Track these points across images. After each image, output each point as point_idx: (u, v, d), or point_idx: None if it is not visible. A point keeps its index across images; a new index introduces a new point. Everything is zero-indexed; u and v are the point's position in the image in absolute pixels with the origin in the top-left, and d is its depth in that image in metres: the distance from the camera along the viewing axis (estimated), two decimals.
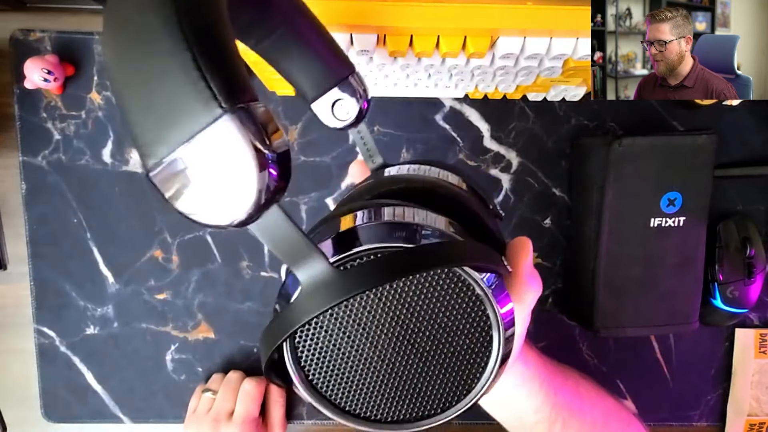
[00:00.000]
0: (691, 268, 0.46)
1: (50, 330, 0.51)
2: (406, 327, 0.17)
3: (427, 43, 0.35)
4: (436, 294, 0.17)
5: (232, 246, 0.51)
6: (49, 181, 0.49)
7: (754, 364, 0.51)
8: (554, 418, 0.33)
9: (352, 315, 0.17)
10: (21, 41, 0.47)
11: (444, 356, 0.18)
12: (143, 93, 0.13)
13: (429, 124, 0.49)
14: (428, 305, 0.17)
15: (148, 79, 0.13)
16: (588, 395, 0.37)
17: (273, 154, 0.13)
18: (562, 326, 0.52)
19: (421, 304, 0.17)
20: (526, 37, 0.34)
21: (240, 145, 0.12)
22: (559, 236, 0.51)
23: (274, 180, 0.13)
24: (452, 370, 0.18)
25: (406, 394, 0.18)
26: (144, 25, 0.13)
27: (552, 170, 0.50)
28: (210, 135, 0.12)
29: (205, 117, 0.12)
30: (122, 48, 0.13)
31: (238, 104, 0.13)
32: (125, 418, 0.53)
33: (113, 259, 0.50)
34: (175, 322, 0.51)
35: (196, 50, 0.13)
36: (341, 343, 0.18)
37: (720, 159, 0.48)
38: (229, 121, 0.12)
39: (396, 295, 0.17)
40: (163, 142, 0.13)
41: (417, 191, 0.22)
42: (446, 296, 0.17)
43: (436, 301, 0.17)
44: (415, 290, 0.17)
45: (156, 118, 0.13)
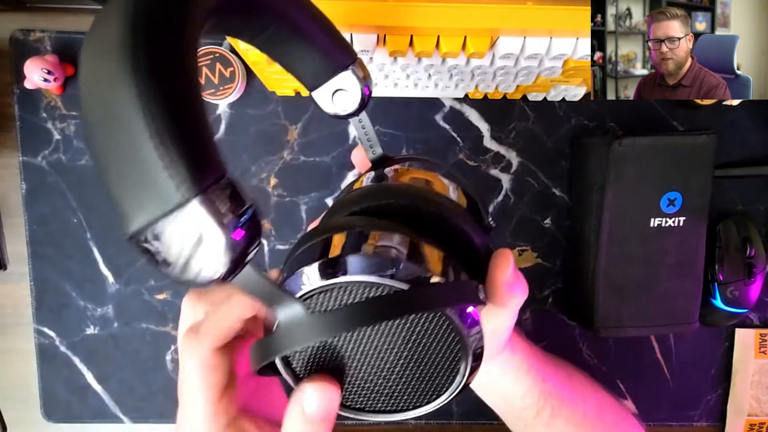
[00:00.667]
0: (691, 268, 0.46)
1: (50, 330, 0.51)
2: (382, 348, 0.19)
3: (427, 43, 0.35)
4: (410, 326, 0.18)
5: None
6: (49, 181, 0.49)
7: (754, 364, 0.51)
8: (542, 404, 0.34)
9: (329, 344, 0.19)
10: (21, 41, 0.47)
11: (418, 368, 0.19)
12: (117, 170, 0.14)
13: (429, 124, 0.49)
14: (402, 334, 0.18)
15: (121, 159, 0.14)
16: (581, 386, 0.38)
17: (237, 223, 0.14)
18: (562, 326, 0.52)
19: (395, 334, 0.18)
20: (526, 37, 0.34)
21: (208, 223, 0.14)
22: (559, 236, 0.51)
23: (243, 244, 0.14)
24: (426, 378, 0.20)
25: (383, 392, 0.20)
26: (110, 109, 0.14)
27: (552, 170, 0.50)
28: (180, 216, 0.13)
29: (172, 202, 0.13)
30: (95, 127, 0.14)
31: (204, 187, 0.14)
32: (125, 418, 0.53)
33: (113, 259, 0.50)
34: (175, 322, 0.51)
35: (163, 137, 0.13)
36: (323, 355, 0.19)
37: (720, 159, 0.48)
38: (198, 205, 0.13)
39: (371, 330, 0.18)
40: (138, 215, 0.14)
41: (406, 209, 0.22)
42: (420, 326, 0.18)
43: (410, 331, 0.18)
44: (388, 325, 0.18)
45: (130, 194, 0.14)
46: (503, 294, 0.23)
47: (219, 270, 0.14)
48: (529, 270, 0.52)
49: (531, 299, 0.52)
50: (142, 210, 0.14)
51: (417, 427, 0.54)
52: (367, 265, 0.18)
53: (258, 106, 0.49)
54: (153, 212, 0.14)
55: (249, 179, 0.50)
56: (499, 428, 0.54)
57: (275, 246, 0.51)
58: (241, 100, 0.48)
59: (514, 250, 0.51)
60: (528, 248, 0.51)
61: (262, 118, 0.49)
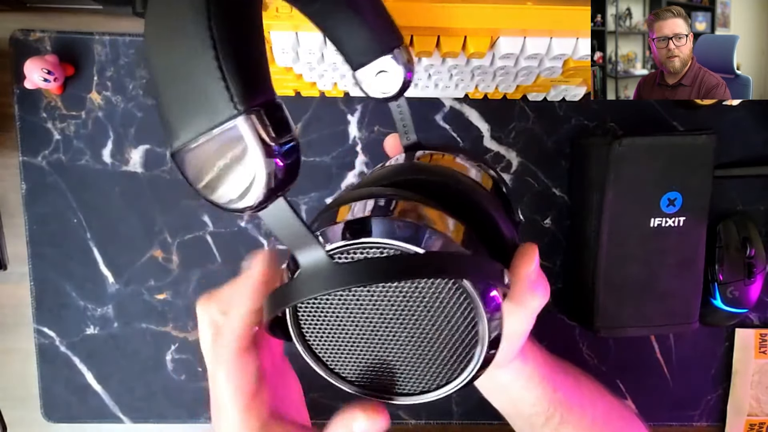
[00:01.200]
0: (691, 268, 0.46)
1: (50, 330, 0.51)
2: (397, 317, 0.18)
3: (427, 43, 0.35)
4: (428, 296, 0.18)
5: (232, 246, 0.50)
6: (49, 181, 0.49)
7: (754, 364, 0.51)
8: (552, 412, 0.34)
9: (345, 300, 0.18)
10: (21, 41, 0.47)
11: (431, 347, 0.19)
12: (174, 83, 0.15)
13: (429, 124, 0.49)
14: (420, 304, 0.18)
15: (179, 73, 0.14)
16: (589, 393, 0.38)
17: (280, 150, 0.14)
18: (562, 326, 0.52)
19: (413, 301, 0.18)
20: (526, 37, 0.34)
21: (250, 142, 0.14)
22: (559, 236, 0.51)
23: (281, 172, 0.14)
24: (438, 360, 0.19)
25: (392, 370, 0.20)
26: (178, 26, 0.14)
27: (552, 170, 0.50)
28: (225, 130, 0.14)
29: (223, 115, 0.14)
30: (159, 44, 0.15)
31: (252, 106, 0.14)
32: (125, 418, 0.53)
33: (113, 259, 0.50)
34: (175, 322, 0.51)
35: (221, 53, 0.14)
36: (336, 317, 0.19)
37: (720, 159, 0.48)
38: (243, 122, 0.14)
39: (390, 291, 0.18)
40: (186, 129, 0.14)
41: (435, 185, 0.22)
42: (438, 299, 0.18)
43: (428, 301, 0.18)
44: (408, 290, 0.18)
45: (182, 107, 0.14)
46: (524, 290, 0.22)
47: (255, 193, 0.14)
48: None
49: None
50: (191, 122, 0.14)
51: (417, 426, 0.54)
52: (391, 229, 0.17)
53: None
54: (201, 125, 0.14)
55: None
56: (500, 428, 0.54)
57: (276, 246, 0.51)
58: None
59: None
60: None
61: None
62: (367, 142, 0.49)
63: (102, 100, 0.48)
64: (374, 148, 0.49)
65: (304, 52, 0.36)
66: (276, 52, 0.36)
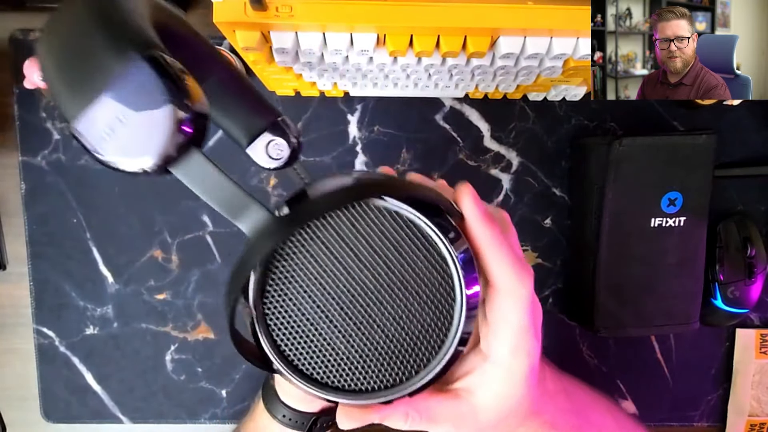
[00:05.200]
0: (691, 268, 0.46)
1: (50, 330, 0.51)
2: (361, 277, 0.18)
3: (427, 43, 0.35)
4: (385, 237, 0.17)
5: (232, 246, 0.50)
6: (49, 181, 0.49)
7: (754, 365, 0.51)
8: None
9: (303, 268, 0.18)
10: (20, 41, 0.47)
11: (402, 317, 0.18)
12: (65, 57, 0.15)
13: (429, 124, 0.49)
14: (380, 251, 0.17)
15: (69, 45, 0.15)
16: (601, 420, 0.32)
17: (184, 94, 0.14)
18: (562, 326, 0.52)
19: (370, 248, 0.17)
20: (527, 36, 0.34)
21: (152, 83, 0.13)
22: (559, 236, 0.51)
23: (188, 119, 0.14)
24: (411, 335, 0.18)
25: (368, 360, 0.19)
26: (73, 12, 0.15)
27: (552, 170, 0.50)
28: (124, 78, 0.14)
29: (119, 64, 0.14)
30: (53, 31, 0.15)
31: (148, 52, 0.14)
32: (125, 419, 0.53)
33: (113, 259, 0.50)
34: (174, 322, 0.51)
35: (109, 12, 0.14)
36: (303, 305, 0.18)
37: (720, 159, 0.48)
38: (142, 64, 0.14)
39: (342, 236, 0.17)
40: (83, 95, 0.14)
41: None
42: (400, 244, 0.17)
43: (388, 248, 0.17)
44: (358, 230, 0.17)
45: (77, 75, 0.14)
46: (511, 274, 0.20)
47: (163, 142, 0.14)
48: None
49: None
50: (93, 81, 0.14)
51: None
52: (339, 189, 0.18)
53: None
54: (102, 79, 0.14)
55: (248, 179, 0.50)
56: None
57: None
58: None
59: None
60: (528, 248, 0.51)
61: None
62: (367, 141, 0.49)
63: None
64: (374, 147, 0.49)
65: (303, 52, 0.36)
66: (275, 51, 0.36)
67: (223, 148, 0.49)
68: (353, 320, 0.18)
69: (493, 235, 0.20)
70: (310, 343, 0.18)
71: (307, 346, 0.19)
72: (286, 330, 0.18)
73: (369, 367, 0.19)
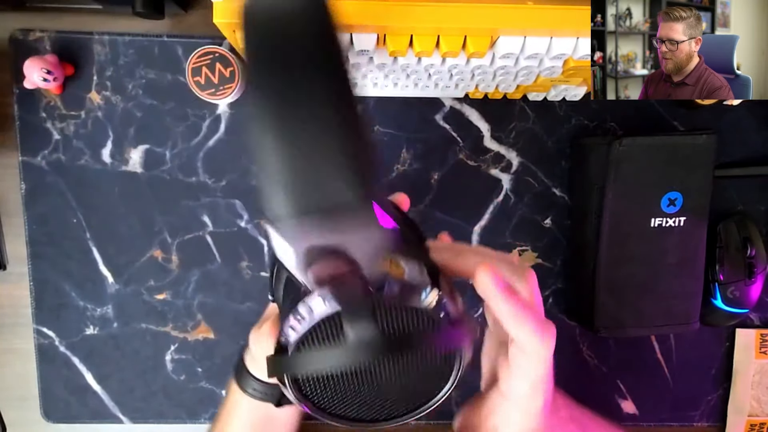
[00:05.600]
0: (691, 268, 0.46)
1: (50, 330, 0.51)
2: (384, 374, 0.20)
3: (427, 43, 0.35)
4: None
5: (232, 246, 0.50)
6: (49, 181, 0.49)
7: (754, 365, 0.51)
8: None
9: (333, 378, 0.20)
10: (20, 41, 0.47)
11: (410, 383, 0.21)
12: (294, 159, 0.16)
13: (429, 124, 0.49)
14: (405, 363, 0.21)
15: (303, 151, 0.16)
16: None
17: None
18: (562, 326, 0.52)
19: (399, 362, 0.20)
20: (526, 37, 0.34)
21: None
22: (559, 236, 0.51)
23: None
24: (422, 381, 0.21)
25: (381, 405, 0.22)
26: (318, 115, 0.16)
27: (552, 170, 0.50)
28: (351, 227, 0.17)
29: (353, 211, 0.17)
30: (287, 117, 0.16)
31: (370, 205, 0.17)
32: (125, 418, 0.53)
33: (113, 259, 0.50)
34: (174, 322, 0.51)
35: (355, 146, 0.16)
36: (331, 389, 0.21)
37: (720, 159, 0.48)
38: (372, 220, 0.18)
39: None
40: (300, 207, 0.17)
41: None
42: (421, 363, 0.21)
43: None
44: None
45: (299, 187, 0.16)
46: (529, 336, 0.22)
47: None
48: None
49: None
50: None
51: (417, 426, 0.54)
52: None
53: None
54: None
55: (248, 179, 0.50)
56: None
57: None
58: (241, 100, 0.48)
59: (514, 250, 0.51)
60: (528, 248, 0.51)
61: None
62: None
63: (101, 99, 0.48)
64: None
65: None
66: None
67: (223, 148, 0.49)
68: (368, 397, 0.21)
69: (516, 307, 0.22)
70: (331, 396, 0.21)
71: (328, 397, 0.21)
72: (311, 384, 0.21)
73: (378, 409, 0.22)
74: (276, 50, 0.16)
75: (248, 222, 0.50)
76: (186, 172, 0.49)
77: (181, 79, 0.48)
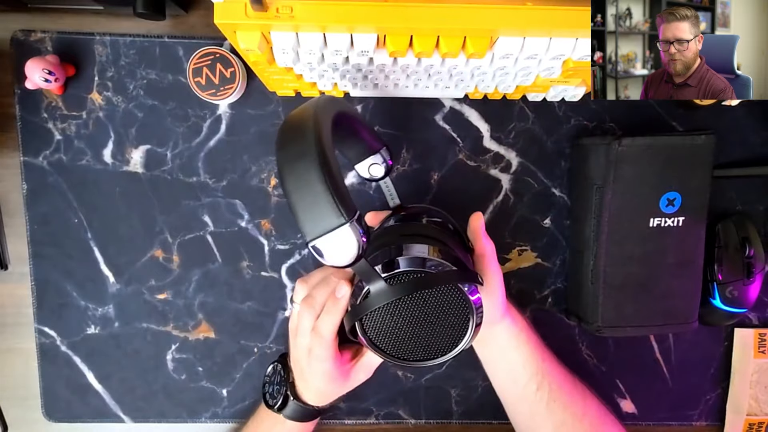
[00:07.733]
0: (690, 268, 0.46)
1: (51, 330, 0.51)
2: (420, 314, 0.32)
3: (427, 43, 0.35)
4: (438, 294, 0.32)
5: (233, 246, 0.51)
6: (50, 182, 0.49)
7: (753, 364, 0.51)
8: (541, 379, 0.42)
9: (392, 306, 0.32)
10: (22, 42, 0.47)
11: (442, 328, 0.32)
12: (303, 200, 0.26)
13: (429, 124, 0.49)
14: (433, 303, 0.32)
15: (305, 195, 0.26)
16: (582, 391, 0.45)
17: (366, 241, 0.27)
18: (562, 326, 0.52)
19: (429, 302, 0.32)
20: (526, 37, 0.35)
21: (353, 238, 0.26)
22: (559, 236, 0.51)
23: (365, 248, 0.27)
24: (446, 335, 0.32)
25: (421, 344, 0.32)
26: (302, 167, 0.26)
27: (552, 170, 0.50)
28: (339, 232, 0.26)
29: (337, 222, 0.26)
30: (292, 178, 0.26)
31: (352, 218, 0.26)
32: (126, 418, 0.53)
33: (114, 259, 0.51)
34: (175, 321, 0.52)
35: (330, 185, 0.26)
36: (388, 317, 0.32)
37: (719, 159, 0.49)
38: (349, 228, 0.26)
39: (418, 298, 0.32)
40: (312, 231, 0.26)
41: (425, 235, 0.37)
42: (443, 298, 0.32)
43: (438, 297, 0.32)
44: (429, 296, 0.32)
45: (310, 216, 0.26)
46: (479, 238, 0.40)
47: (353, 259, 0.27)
48: (529, 270, 0.52)
49: (531, 299, 0.52)
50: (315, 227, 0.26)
51: (417, 426, 0.54)
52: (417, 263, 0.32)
53: (258, 106, 0.49)
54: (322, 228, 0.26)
55: (249, 179, 0.50)
56: (499, 428, 0.54)
57: (275, 246, 0.51)
58: (242, 101, 0.49)
59: (514, 250, 0.52)
60: (528, 248, 0.51)
61: (263, 118, 0.49)
62: None
63: (103, 100, 0.48)
64: None
65: (304, 53, 0.36)
66: (276, 52, 0.36)
67: (224, 149, 0.49)
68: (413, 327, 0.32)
69: (481, 232, 0.41)
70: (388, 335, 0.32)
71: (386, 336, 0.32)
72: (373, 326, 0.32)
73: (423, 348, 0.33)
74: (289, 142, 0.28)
75: (249, 222, 0.50)
76: (187, 172, 0.49)
77: (182, 79, 0.48)
